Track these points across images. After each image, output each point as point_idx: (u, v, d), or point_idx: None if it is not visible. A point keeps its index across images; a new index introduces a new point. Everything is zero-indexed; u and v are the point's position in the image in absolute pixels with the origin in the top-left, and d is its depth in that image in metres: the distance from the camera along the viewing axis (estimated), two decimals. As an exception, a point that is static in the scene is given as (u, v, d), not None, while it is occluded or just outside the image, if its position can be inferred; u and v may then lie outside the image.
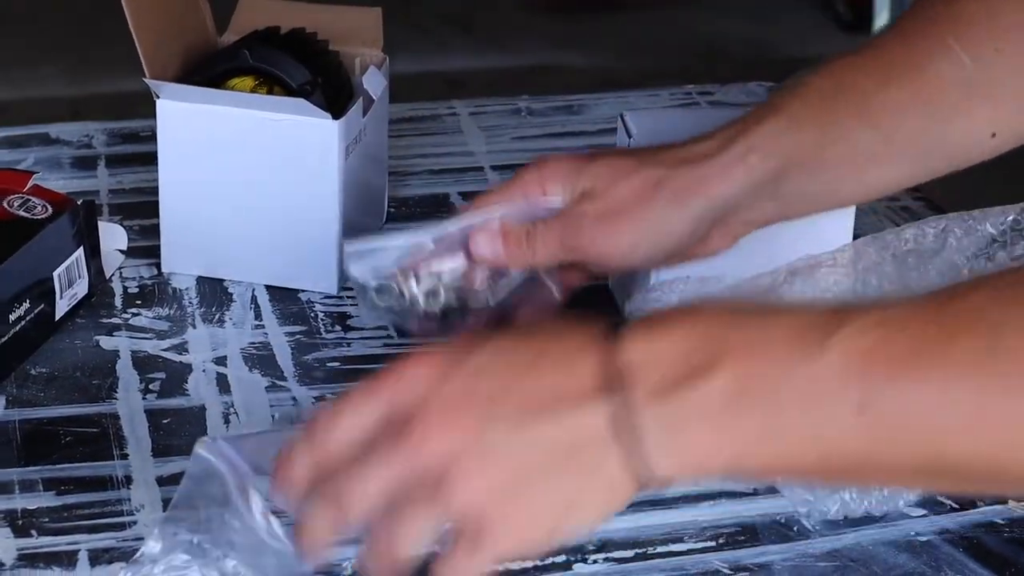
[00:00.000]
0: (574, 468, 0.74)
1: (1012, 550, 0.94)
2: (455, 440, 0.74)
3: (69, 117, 1.46)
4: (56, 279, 1.09)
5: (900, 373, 0.71)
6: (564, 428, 0.74)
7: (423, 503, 0.74)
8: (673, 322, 0.75)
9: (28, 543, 0.92)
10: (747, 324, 0.74)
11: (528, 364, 0.75)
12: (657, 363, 0.73)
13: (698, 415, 0.73)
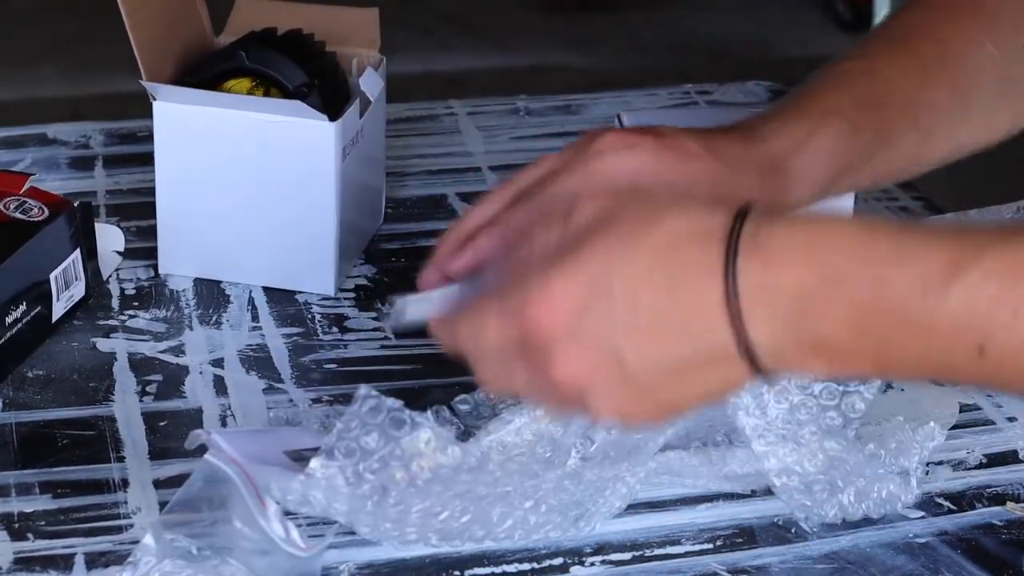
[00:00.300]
0: (699, 382, 0.78)
1: (1010, 552, 0.94)
2: (591, 370, 0.78)
3: (68, 117, 1.46)
4: (53, 281, 1.09)
5: (1021, 321, 0.73)
6: (691, 357, 0.77)
7: (558, 403, 0.81)
8: (791, 256, 0.76)
9: (24, 546, 0.92)
10: (867, 267, 0.75)
11: (653, 298, 0.77)
12: (773, 305, 0.75)
13: (815, 352, 0.76)
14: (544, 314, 0.78)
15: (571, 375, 0.78)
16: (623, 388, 0.78)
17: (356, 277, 1.19)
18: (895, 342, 0.75)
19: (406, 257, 1.22)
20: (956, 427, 1.04)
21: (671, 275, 0.77)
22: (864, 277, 0.75)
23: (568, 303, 0.77)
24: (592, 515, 0.93)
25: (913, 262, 0.74)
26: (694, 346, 0.77)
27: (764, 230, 0.76)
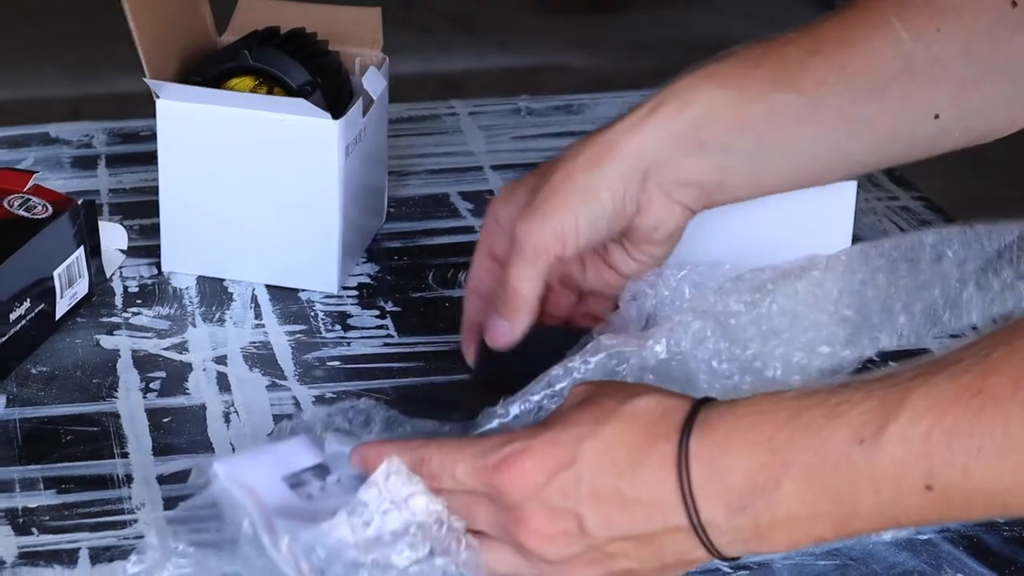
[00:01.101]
0: (666, 556, 0.82)
1: (1012, 549, 0.94)
2: (560, 542, 0.82)
3: (69, 117, 1.46)
4: (56, 278, 1.09)
5: (958, 450, 0.76)
6: (657, 533, 0.81)
7: (519, 559, 0.84)
8: (737, 438, 0.80)
9: (29, 541, 0.92)
10: (807, 431, 0.79)
11: (620, 479, 0.81)
12: (726, 485, 0.79)
13: (774, 523, 0.80)
14: (516, 479, 0.82)
15: (537, 538, 0.82)
16: (586, 553, 0.82)
17: (359, 275, 1.19)
18: (847, 497, 0.78)
19: (408, 256, 1.22)
20: (957, 424, 1.04)
21: (633, 451, 0.81)
22: (804, 444, 0.78)
23: (538, 473, 0.82)
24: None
25: (844, 419, 0.78)
26: (651, 521, 0.81)
27: (715, 415, 0.81)
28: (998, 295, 1.02)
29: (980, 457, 0.75)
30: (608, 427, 0.82)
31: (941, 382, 0.77)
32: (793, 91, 0.99)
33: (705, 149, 0.98)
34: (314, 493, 0.91)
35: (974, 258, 1.01)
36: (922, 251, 1.02)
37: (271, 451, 0.92)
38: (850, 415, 0.78)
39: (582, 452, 0.81)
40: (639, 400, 0.82)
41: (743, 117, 0.98)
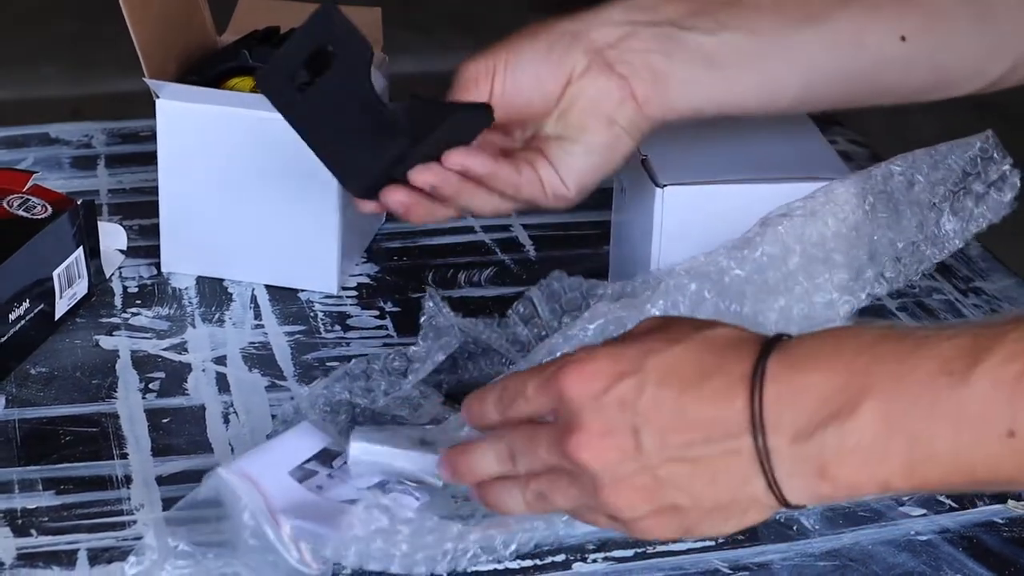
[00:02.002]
0: (719, 491, 0.79)
1: (1011, 550, 0.94)
2: (612, 456, 0.80)
3: (69, 117, 1.46)
4: (56, 279, 1.09)
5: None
6: (713, 458, 0.78)
7: (572, 496, 0.82)
8: (816, 359, 0.77)
9: (28, 542, 0.92)
10: (890, 358, 0.76)
11: (684, 394, 0.79)
12: (798, 408, 0.77)
13: (841, 455, 0.76)
14: (575, 382, 0.80)
15: (586, 450, 0.80)
16: (635, 473, 0.80)
17: (358, 275, 1.19)
18: (924, 434, 0.75)
19: (408, 256, 1.22)
20: (957, 425, 1.04)
21: (703, 369, 0.79)
22: (888, 370, 0.75)
23: (599, 378, 0.80)
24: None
25: (935, 351, 0.75)
26: (710, 443, 0.78)
27: (795, 343, 0.79)
28: (973, 214, 1.03)
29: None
30: (681, 346, 0.80)
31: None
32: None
33: (656, 24, 0.99)
34: (322, 483, 0.91)
35: (943, 180, 1.02)
36: (892, 181, 1.02)
37: (274, 447, 0.93)
38: (940, 347, 0.75)
39: (649, 364, 0.79)
40: (717, 328, 0.81)
41: (702, 3, 0.99)
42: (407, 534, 0.86)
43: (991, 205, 1.03)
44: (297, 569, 0.86)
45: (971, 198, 1.02)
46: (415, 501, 0.91)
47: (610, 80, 0.99)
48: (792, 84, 1.01)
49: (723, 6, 0.99)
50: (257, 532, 0.86)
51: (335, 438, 0.95)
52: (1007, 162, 1.02)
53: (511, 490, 0.84)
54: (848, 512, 0.97)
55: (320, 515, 0.88)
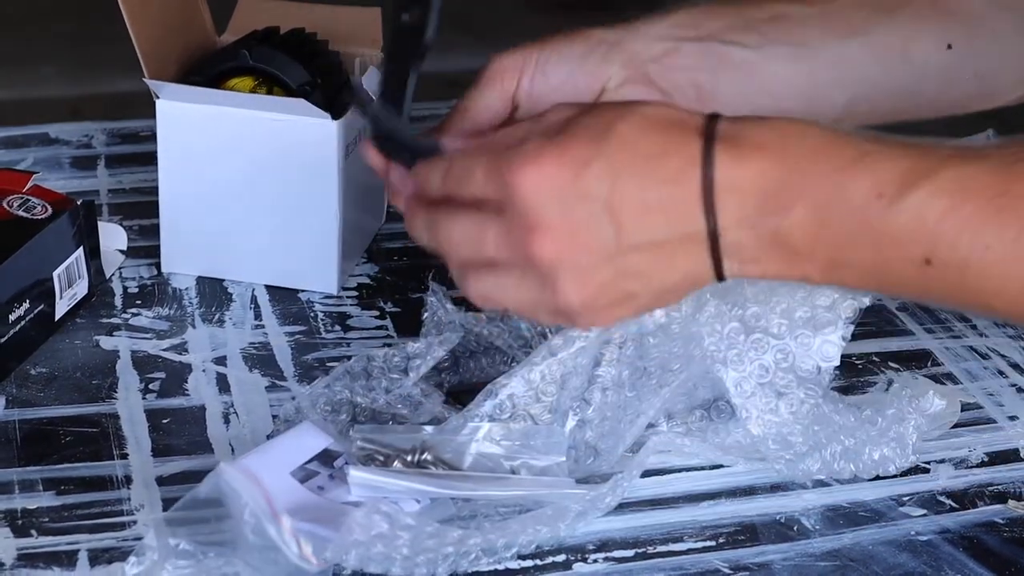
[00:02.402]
0: (675, 274, 0.81)
1: (1012, 550, 0.94)
2: (578, 254, 0.80)
3: (69, 117, 1.46)
4: (56, 279, 1.09)
5: (966, 238, 0.77)
6: (672, 242, 0.80)
7: (520, 295, 0.83)
8: (761, 150, 0.79)
9: (28, 543, 0.92)
10: (830, 165, 0.79)
11: (646, 177, 0.80)
12: (743, 193, 0.79)
13: (774, 246, 0.80)
14: (530, 180, 0.80)
15: (549, 247, 0.80)
16: (597, 266, 0.80)
17: (358, 276, 1.19)
18: (847, 243, 0.79)
19: (408, 256, 1.22)
20: (958, 426, 1.04)
21: (651, 155, 0.79)
22: (826, 176, 0.78)
23: (555, 174, 0.79)
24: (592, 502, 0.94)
25: (872, 168, 0.78)
26: (670, 228, 0.80)
27: (738, 125, 0.80)
28: None
29: (986, 254, 0.76)
30: (626, 124, 0.80)
31: (973, 170, 0.77)
32: (797, 2, 0.99)
33: (699, 39, 0.98)
34: (323, 484, 0.91)
35: None
36: None
37: (275, 447, 0.93)
38: (877, 167, 0.78)
39: (608, 148, 0.79)
40: (648, 107, 0.81)
41: (745, 19, 0.99)
42: (407, 539, 0.86)
43: None
44: (298, 566, 0.86)
45: None
46: (416, 504, 0.91)
47: (651, 94, 0.98)
48: (838, 99, 1.02)
49: (768, 20, 0.99)
50: (258, 530, 0.86)
51: (336, 438, 0.95)
52: None
53: (460, 280, 0.85)
54: (848, 512, 0.97)
55: (321, 516, 0.88)
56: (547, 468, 0.94)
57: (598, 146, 0.79)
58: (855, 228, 0.78)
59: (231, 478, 0.88)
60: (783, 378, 0.97)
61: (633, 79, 0.98)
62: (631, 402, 0.97)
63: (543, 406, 0.95)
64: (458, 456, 0.93)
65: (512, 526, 0.90)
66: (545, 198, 0.79)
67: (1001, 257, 0.76)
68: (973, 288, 0.78)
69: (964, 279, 0.77)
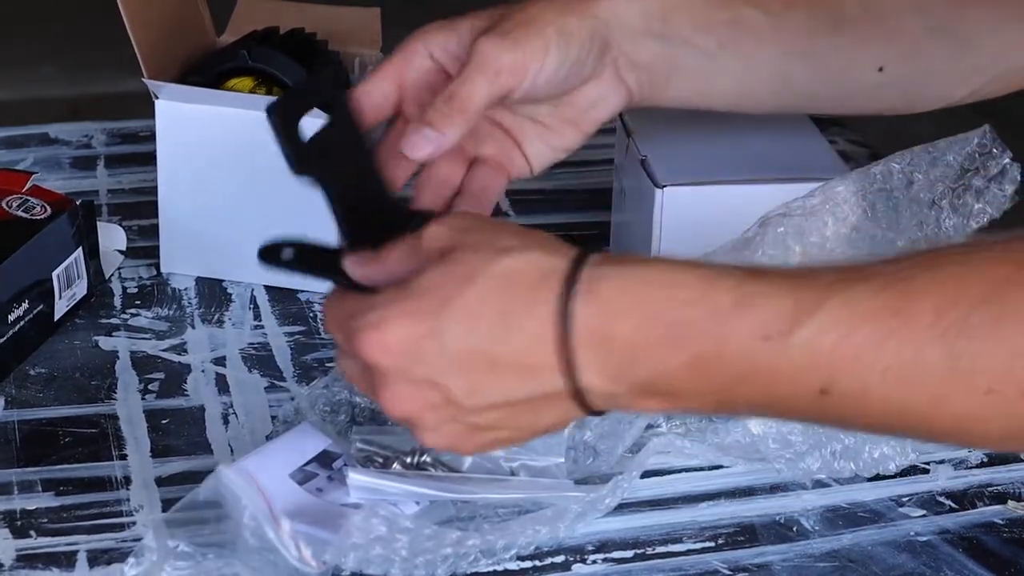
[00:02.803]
0: (542, 421, 0.81)
1: (1011, 551, 0.94)
2: (425, 411, 0.80)
3: (68, 117, 1.46)
4: (55, 279, 1.09)
5: (864, 367, 0.74)
6: (533, 399, 0.79)
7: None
8: (624, 309, 0.77)
9: (27, 544, 0.92)
10: (709, 319, 0.76)
11: (493, 344, 0.78)
12: (609, 354, 0.77)
13: (652, 394, 0.78)
14: (378, 351, 0.80)
15: (402, 410, 0.81)
16: (454, 424, 0.80)
17: (358, 276, 1.19)
18: (736, 384, 0.76)
19: (408, 256, 1.22)
20: (957, 426, 1.04)
21: (505, 312, 0.77)
22: (704, 331, 0.76)
23: (402, 341, 0.79)
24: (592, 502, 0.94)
25: (755, 312, 0.75)
26: (527, 386, 0.78)
27: (602, 278, 0.77)
28: (973, 210, 1.03)
29: (885, 376, 0.74)
30: (475, 288, 0.78)
31: (860, 293, 0.74)
32: (758, 7, 0.99)
33: (666, 38, 0.98)
34: (323, 485, 0.91)
35: (942, 177, 1.02)
36: (891, 179, 1.02)
37: (274, 449, 0.93)
38: (759, 309, 0.75)
39: (445, 319, 0.78)
40: (508, 259, 0.78)
41: (709, 19, 0.98)
42: (406, 541, 0.86)
43: (991, 200, 1.03)
44: (297, 569, 0.86)
45: (971, 194, 1.02)
46: (415, 506, 0.91)
47: (619, 89, 0.99)
48: (767, 104, 1.03)
49: (728, 23, 0.98)
50: (257, 532, 0.86)
51: (335, 439, 0.95)
52: (1007, 155, 1.02)
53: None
54: (848, 513, 0.97)
55: (320, 519, 0.88)
56: (546, 469, 0.94)
57: (439, 313, 0.78)
58: (743, 371, 0.76)
59: (230, 480, 0.88)
60: None
61: (611, 77, 0.98)
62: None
63: None
64: (457, 458, 0.93)
65: (511, 527, 0.90)
66: (387, 367, 0.80)
67: (901, 379, 0.73)
68: (875, 412, 0.75)
69: (865, 405, 0.75)
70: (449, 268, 0.79)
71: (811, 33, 1.00)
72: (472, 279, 0.78)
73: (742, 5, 0.99)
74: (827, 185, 1.00)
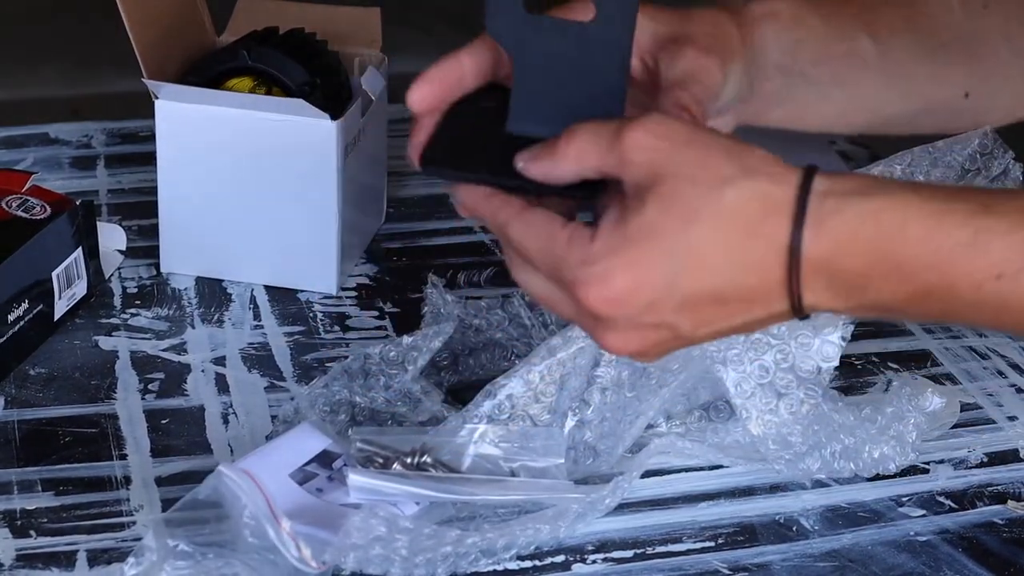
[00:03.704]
0: (748, 329, 0.81)
1: (1011, 550, 0.94)
2: (645, 344, 0.80)
3: (68, 117, 1.46)
4: (55, 279, 1.09)
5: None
6: (753, 322, 0.80)
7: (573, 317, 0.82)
8: (853, 245, 0.76)
9: (27, 543, 0.92)
10: (937, 257, 0.76)
11: (721, 289, 0.78)
12: (834, 283, 0.77)
13: (867, 310, 0.79)
14: (605, 304, 0.78)
15: (628, 351, 0.80)
16: (673, 347, 0.81)
17: (358, 276, 1.19)
18: (963, 313, 0.78)
19: (407, 256, 1.22)
20: (957, 426, 1.04)
21: (732, 251, 0.77)
22: (935, 265, 0.76)
23: (631, 293, 0.78)
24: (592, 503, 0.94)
25: (987, 251, 0.76)
26: (753, 313, 0.79)
27: (830, 213, 0.76)
28: None
29: None
30: (700, 229, 0.77)
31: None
32: (870, 34, 0.97)
33: (790, 72, 0.96)
34: (322, 486, 0.91)
35: (943, 178, 1.02)
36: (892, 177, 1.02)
37: (274, 448, 0.93)
38: (992, 248, 0.76)
39: (674, 266, 0.77)
40: (731, 192, 0.76)
41: (828, 51, 0.97)
42: (406, 541, 0.86)
43: None
44: (297, 568, 0.86)
45: None
46: (415, 506, 0.91)
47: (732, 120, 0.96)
48: (857, 128, 1.03)
49: (843, 56, 0.97)
50: (257, 531, 0.86)
51: (335, 439, 0.95)
52: (1009, 156, 1.02)
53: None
54: (848, 513, 0.97)
55: (320, 519, 0.88)
56: (546, 470, 0.94)
57: (674, 256, 0.77)
58: (971, 303, 0.77)
59: (230, 480, 0.88)
60: (783, 378, 0.97)
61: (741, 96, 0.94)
62: (630, 403, 0.97)
63: (542, 407, 0.95)
64: (457, 458, 0.93)
65: (511, 527, 0.90)
66: (617, 313, 0.79)
67: None
68: None
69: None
70: (666, 205, 0.77)
71: (911, 60, 1.00)
72: (695, 219, 0.77)
73: (859, 33, 0.98)
74: None
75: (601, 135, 0.79)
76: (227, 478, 0.88)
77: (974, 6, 1.00)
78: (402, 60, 1.42)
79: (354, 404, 1.00)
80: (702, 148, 0.78)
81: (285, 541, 0.86)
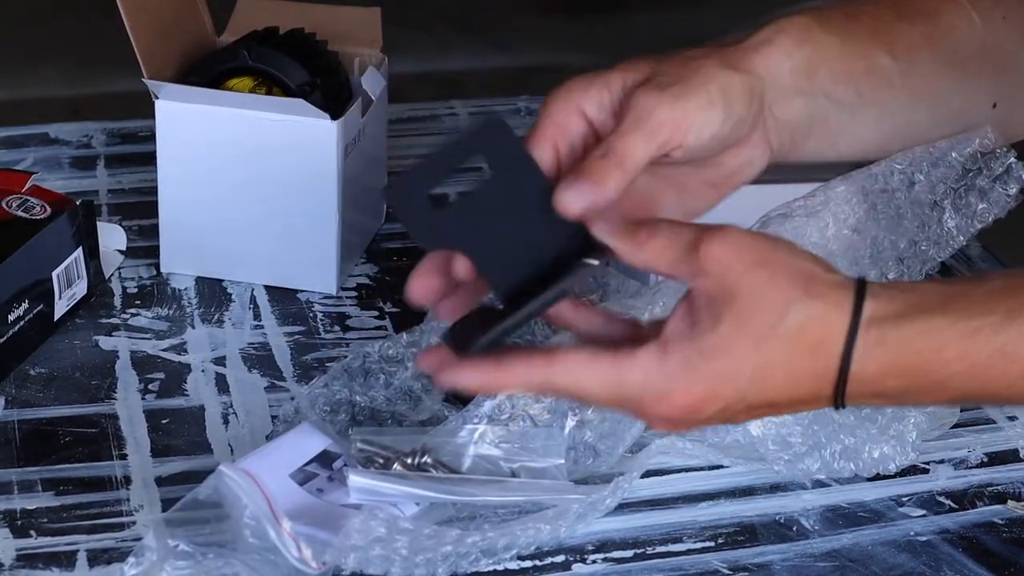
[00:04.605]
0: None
1: (1011, 550, 0.94)
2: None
3: (68, 117, 1.45)
4: (55, 279, 1.09)
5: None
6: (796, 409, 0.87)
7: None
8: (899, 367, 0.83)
9: (27, 543, 0.92)
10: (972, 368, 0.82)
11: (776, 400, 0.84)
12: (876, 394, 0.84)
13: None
14: (678, 409, 0.83)
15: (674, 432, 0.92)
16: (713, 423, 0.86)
17: (358, 276, 1.19)
18: (990, 403, 0.98)
19: (407, 256, 1.22)
20: (957, 426, 1.04)
21: (791, 369, 0.83)
22: (969, 377, 0.83)
23: (703, 403, 0.83)
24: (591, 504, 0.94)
25: (1017, 359, 0.82)
26: (796, 411, 0.90)
27: (877, 343, 0.82)
28: (977, 210, 1.03)
29: None
30: (767, 349, 0.82)
31: None
32: (888, 52, 0.97)
33: (810, 94, 0.95)
34: (323, 486, 0.91)
35: (944, 178, 1.02)
36: (892, 179, 1.02)
37: (275, 449, 0.93)
38: (1021, 353, 0.81)
39: (746, 381, 0.82)
40: (794, 315, 0.82)
41: (847, 69, 0.96)
42: (406, 541, 0.86)
43: (995, 200, 1.03)
44: (298, 569, 0.86)
45: (974, 194, 1.03)
46: (415, 507, 0.91)
47: (765, 150, 0.95)
48: (889, 149, 1.03)
49: (865, 73, 0.97)
50: (258, 532, 0.86)
51: (335, 439, 0.95)
52: (1011, 155, 1.02)
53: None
54: (848, 513, 0.97)
55: (320, 519, 0.88)
56: (546, 470, 0.94)
57: (745, 375, 0.82)
58: (999, 399, 0.88)
59: (231, 480, 0.88)
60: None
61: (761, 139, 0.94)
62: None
63: (542, 406, 0.95)
64: (457, 458, 0.93)
65: (512, 527, 0.90)
66: (688, 418, 0.84)
67: None
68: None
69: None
70: (740, 323, 0.82)
71: (934, 75, 0.99)
72: (765, 339, 0.82)
73: (875, 51, 0.97)
74: (828, 185, 1.00)
75: (679, 241, 0.83)
76: (227, 478, 0.88)
77: (993, 18, 1.00)
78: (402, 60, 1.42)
79: (354, 403, 1.00)
80: (771, 267, 0.83)
81: (286, 541, 0.86)
